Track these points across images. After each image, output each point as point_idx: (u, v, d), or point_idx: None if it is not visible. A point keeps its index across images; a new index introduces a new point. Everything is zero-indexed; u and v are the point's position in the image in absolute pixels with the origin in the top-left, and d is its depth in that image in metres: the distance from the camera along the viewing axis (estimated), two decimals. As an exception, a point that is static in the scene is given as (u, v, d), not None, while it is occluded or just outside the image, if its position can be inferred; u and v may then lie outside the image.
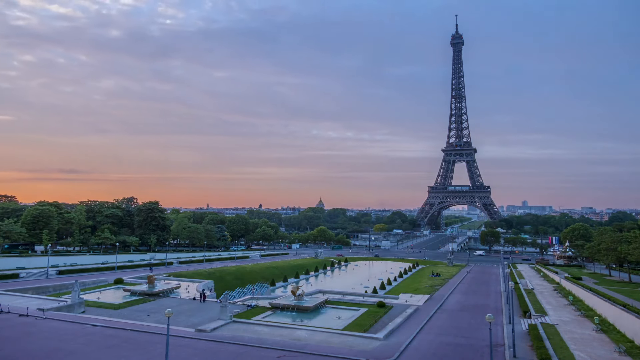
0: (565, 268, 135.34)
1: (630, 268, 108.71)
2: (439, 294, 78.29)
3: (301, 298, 63.95)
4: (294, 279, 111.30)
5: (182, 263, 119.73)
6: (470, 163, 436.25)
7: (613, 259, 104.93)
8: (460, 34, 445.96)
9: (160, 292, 71.18)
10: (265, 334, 45.65)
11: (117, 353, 38.15)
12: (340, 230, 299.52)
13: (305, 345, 41.50)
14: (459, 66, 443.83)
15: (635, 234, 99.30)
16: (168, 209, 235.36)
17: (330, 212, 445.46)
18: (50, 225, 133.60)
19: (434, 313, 60.52)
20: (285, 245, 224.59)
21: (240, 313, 57.66)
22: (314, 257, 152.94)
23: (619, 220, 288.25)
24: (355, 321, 55.05)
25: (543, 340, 42.74)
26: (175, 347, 38.91)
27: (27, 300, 59.97)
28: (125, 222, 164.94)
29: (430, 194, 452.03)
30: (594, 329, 48.24)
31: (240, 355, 38.43)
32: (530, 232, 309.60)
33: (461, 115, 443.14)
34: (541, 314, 58.29)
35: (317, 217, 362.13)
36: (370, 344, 42.89)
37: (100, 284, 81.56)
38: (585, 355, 38.78)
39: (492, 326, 36.00)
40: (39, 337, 42.58)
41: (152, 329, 46.42)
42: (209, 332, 46.04)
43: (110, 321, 50.01)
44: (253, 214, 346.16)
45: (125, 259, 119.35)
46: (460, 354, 40.50)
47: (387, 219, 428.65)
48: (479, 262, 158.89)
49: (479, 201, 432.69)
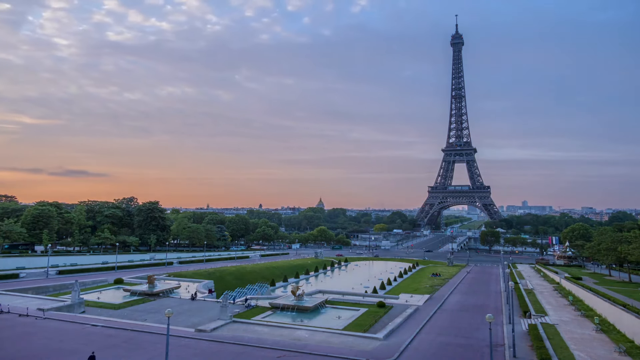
0: (565, 268, 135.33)
1: (630, 268, 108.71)
2: (439, 294, 78.31)
3: (301, 298, 63.94)
4: (294, 279, 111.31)
5: (182, 263, 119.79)
6: (470, 163, 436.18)
7: (613, 259, 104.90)
8: (460, 34, 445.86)
9: (160, 292, 71.22)
10: (265, 334, 45.63)
11: (117, 353, 38.14)
12: (340, 230, 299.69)
13: (305, 345, 41.49)
14: (459, 66, 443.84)
15: (635, 234, 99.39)
16: (168, 209, 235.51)
17: (330, 212, 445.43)
18: (50, 225, 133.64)
19: (434, 313, 60.52)
20: (285, 245, 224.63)
21: (240, 313, 57.68)
22: (314, 257, 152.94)
23: (619, 220, 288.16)
24: (355, 321, 55.04)
25: (543, 340, 42.72)
26: (175, 347, 38.91)
27: (27, 300, 59.95)
28: (125, 222, 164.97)
29: (430, 194, 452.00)
30: (594, 329, 48.22)
31: (240, 355, 38.42)
32: (530, 232, 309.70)
33: (461, 115, 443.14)
34: (541, 314, 58.25)
35: (317, 217, 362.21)
36: (370, 344, 42.88)
37: (100, 284, 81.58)
38: (585, 355, 38.76)
39: (492, 326, 36.01)
40: (39, 337, 42.57)
41: (152, 329, 46.42)
42: (209, 332, 46.03)
43: (110, 321, 50.00)
44: (253, 214, 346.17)
45: (125, 259, 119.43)
46: (460, 354, 40.49)
47: (387, 219, 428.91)
48: (479, 262, 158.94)
49: (479, 201, 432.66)
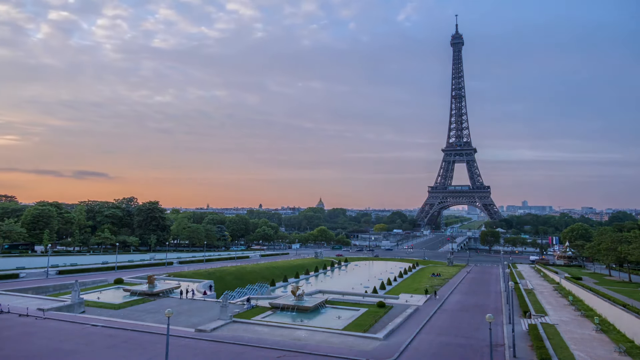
0: (565, 268, 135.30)
1: (630, 268, 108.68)
2: (439, 294, 78.24)
3: (301, 298, 63.93)
4: (294, 279, 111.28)
5: (182, 263, 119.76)
6: (470, 163, 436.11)
7: (613, 259, 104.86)
8: (460, 34, 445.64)
9: (160, 292, 71.21)
10: (265, 334, 45.61)
11: (117, 353, 38.13)
12: (340, 230, 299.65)
13: (305, 345, 41.48)
14: (459, 66, 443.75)
15: (635, 234, 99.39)
16: (168, 209, 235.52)
17: (330, 212, 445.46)
18: (50, 225, 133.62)
19: (434, 313, 60.52)
20: (285, 245, 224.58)
21: (240, 313, 57.67)
22: (314, 257, 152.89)
23: (619, 220, 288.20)
24: (355, 321, 55.03)
25: (543, 340, 42.70)
26: (175, 347, 38.90)
27: (27, 300, 59.91)
28: (125, 222, 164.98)
29: (430, 194, 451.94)
30: (594, 329, 48.21)
31: (240, 355, 38.41)
32: (530, 232, 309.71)
33: (461, 115, 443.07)
34: (541, 314, 58.24)
35: (317, 217, 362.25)
36: (370, 344, 42.87)
37: (100, 284, 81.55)
38: (585, 355, 38.75)
39: (492, 326, 36.00)
40: (39, 337, 42.55)
41: (152, 329, 46.39)
42: (209, 332, 46.01)
43: (110, 321, 49.98)
44: (253, 214, 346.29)
45: (125, 259, 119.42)
46: (460, 354, 40.47)
47: (387, 219, 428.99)
48: (479, 262, 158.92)
49: (479, 201, 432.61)
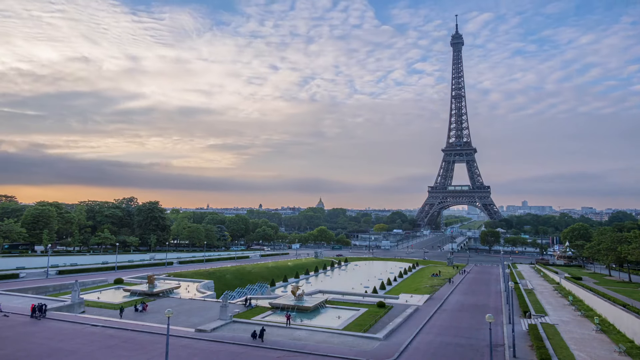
0: (565, 268, 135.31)
1: (630, 268, 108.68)
2: (439, 294, 78.26)
3: (301, 298, 63.94)
4: (294, 279, 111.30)
5: (182, 263, 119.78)
6: (470, 163, 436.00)
7: (613, 259, 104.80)
8: (460, 34, 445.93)
9: (160, 292, 71.20)
10: (265, 334, 45.57)
11: (117, 353, 38.12)
12: (340, 230, 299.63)
13: (305, 345, 41.48)
14: (459, 66, 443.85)
15: (635, 234, 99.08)
16: (168, 209, 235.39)
17: (330, 212, 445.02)
18: (50, 225, 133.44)
19: (434, 313, 60.50)
20: (285, 245, 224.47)
21: (240, 313, 57.69)
22: (314, 257, 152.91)
23: (619, 220, 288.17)
24: (355, 321, 55.03)
25: (543, 340, 42.70)
26: (175, 347, 38.91)
27: (27, 300, 59.89)
28: (125, 222, 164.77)
29: (430, 194, 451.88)
30: (594, 329, 48.21)
31: (240, 355, 38.41)
32: (530, 232, 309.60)
33: (461, 115, 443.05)
34: (541, 314, 58.24)
35: (317, 217, 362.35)
36: (370, 344, 42.86)
37: (100, 284, 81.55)
38: (585, 355, 38.75)
39: (492, 326, 36.03)
40: (39, 337, 42.56)
41: (152, 329, 46.39)
42: (209, 332, 46.01)
43: (110, 321, 49.99)
44: (253, 214, 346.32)
45: (125, 259, 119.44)
46: (460, 354, 40.46)
47: (387, 219, 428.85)
48: (479, 262, 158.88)
49: (479, 201, 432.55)
